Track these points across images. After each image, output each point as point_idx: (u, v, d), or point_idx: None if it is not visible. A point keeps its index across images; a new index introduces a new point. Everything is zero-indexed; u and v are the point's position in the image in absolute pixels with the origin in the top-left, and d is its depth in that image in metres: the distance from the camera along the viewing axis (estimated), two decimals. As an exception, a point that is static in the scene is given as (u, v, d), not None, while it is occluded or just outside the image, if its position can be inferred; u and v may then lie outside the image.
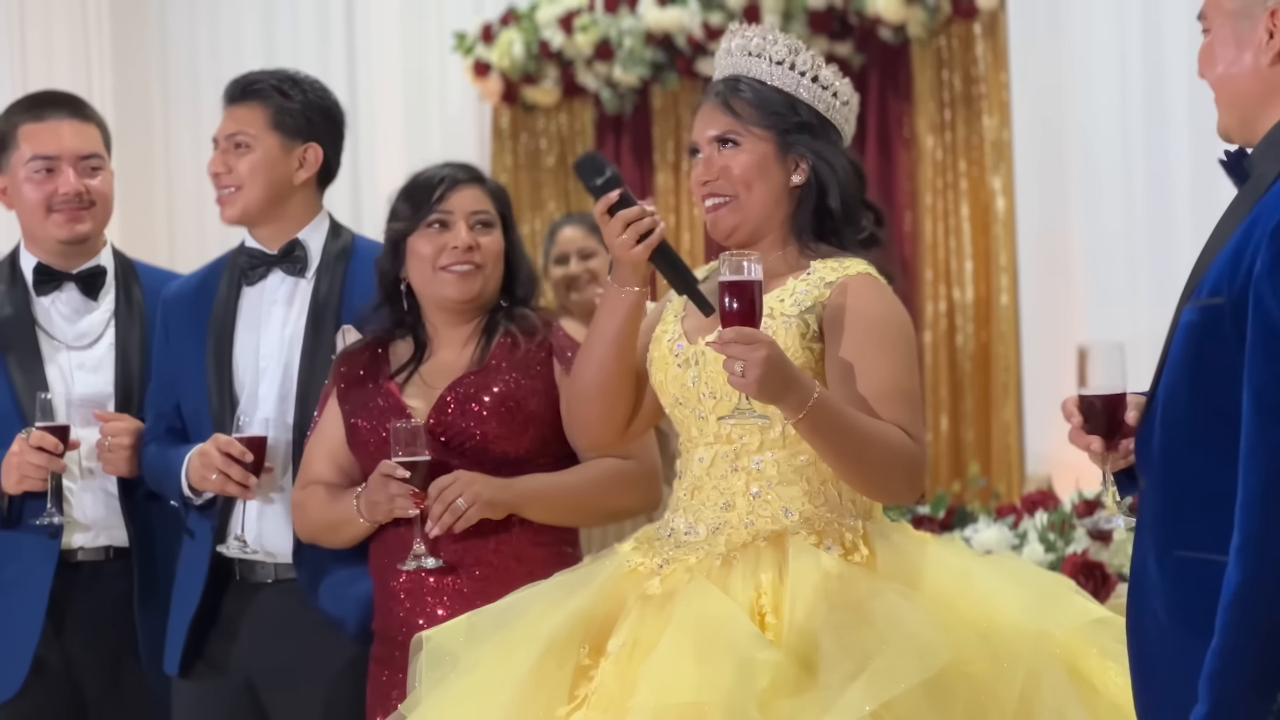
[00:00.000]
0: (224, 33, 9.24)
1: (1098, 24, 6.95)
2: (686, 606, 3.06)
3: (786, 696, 2.91)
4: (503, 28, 8.40)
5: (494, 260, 3.77)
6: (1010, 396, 7.37)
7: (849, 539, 3.15)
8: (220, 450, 3.84)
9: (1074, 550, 6.02)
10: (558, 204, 8.52)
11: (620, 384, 3.34)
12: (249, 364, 4.01)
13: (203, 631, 3.99)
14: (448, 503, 3.58)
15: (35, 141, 4.20)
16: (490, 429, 3.66)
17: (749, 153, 3.27)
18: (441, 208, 3.74)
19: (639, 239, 3.20)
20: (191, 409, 4.05)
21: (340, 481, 3.79)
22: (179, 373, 4.07)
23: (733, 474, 3.20)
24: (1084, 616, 3.17)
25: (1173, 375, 2.69)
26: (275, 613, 3.94)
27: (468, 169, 3.83)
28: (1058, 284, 7.14)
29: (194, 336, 4.05)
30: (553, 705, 3.07)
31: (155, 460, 4.06)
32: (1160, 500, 2.69)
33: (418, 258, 3.75)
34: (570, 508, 3.70)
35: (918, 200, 7.66)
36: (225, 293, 4.07)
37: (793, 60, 3.29)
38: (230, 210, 4.04)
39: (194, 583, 3.99)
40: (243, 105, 4.08)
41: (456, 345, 3.78)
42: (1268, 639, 2.48)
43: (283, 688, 3.92)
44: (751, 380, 2.95)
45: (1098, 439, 2.84)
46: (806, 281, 3.22)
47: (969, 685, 2.96)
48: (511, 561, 3.64)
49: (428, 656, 3.26)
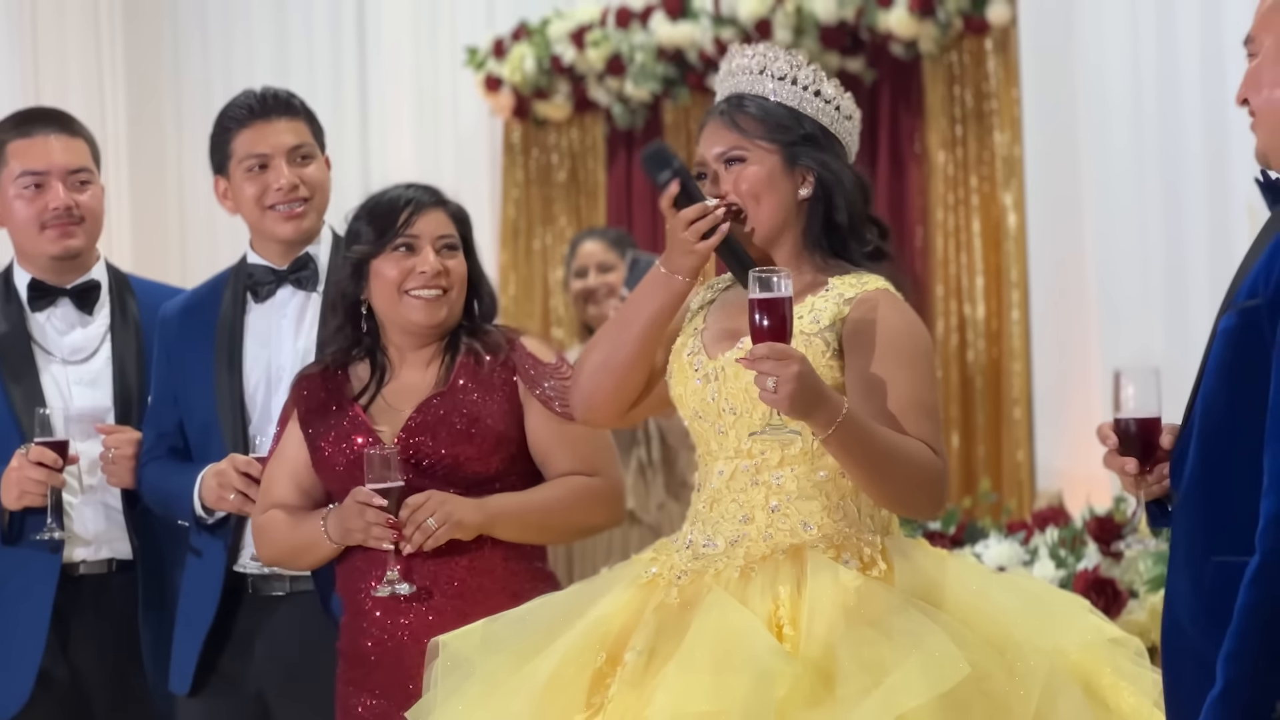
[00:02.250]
0: (237, 48, 9.25)
1: (1110, 39, 6.95)
2: (704, 617, 3.07)
3: (803, 708, 2.92)
4: (514, 43, 8.41)
5: (460, 284, 3.76)
6: (1021, 412, 7.36)
7: (867, 554, 3.16)
8: (239, 470, 3.84)
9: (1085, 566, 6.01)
10: (569, 219, 8.53)
11: (640, 364, 3.34)
12: (261, 379, 4.02)
13: (214, 648, 3.99)
14: (418, 523, 3.58)
15: (24, 158, 4.20)
16: (460, 450, 3.66)
17: (756, 166, 3.28)
18: (408, 231, 3.73)
19: (703, 236, 3.21)
20: (199, 426, 4.04)
21: (303, 504, 3.78)
22: (183, 390, 4.06)
23: (752, 488, 3.20)
24: (1098, 635, 3.18)
25: (1211, 382, 2.70)
26: (290, 626, 3.96)
27: (431, 191, 3.81)
28: (1069, 300, 7.13)
29: (199, 353, 4.05)
30: (569, 713, 3.08)
31: (159, 479, 4.05)
32: (1197, 510, 2.70)
33: (383, 280, 3.72)
34: (540, 525, 3.71)
35: (929, 216, 7.65)
36: (231, 309, 4.06)
37: (794, 75, 3.31)
38: (309, 221, 4.06)
39: (206, 601, 3.99)
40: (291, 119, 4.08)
41: (419, 366, 3.77)
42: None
43: (297, 700, 3.93)
44: (784, 396, 2.96)
45: (1133, 460, 2.86)
46: (825, 298, 3.23)
47: (985, 701, 2.97)
48: (484, 579, 3.65)
49: (443, 663, 3.26)
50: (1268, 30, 2.75)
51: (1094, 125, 7.02)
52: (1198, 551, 2.68)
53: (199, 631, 3.98)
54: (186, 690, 3.99)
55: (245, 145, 4.03)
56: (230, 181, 4.06)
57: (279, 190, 4.01)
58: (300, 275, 4.04)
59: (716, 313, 3.35)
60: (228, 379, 4.01)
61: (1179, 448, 2.78)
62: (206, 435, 4.03)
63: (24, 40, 8.69)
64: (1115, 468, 2.87)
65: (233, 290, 4.09)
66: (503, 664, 3.20)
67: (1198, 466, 2.70)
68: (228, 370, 4.02)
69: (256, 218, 4.06)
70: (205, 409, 4.03)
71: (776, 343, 2.98)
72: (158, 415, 4.11)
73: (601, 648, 3.14)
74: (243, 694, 3.97)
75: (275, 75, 9.15)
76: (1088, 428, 3.18)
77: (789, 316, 3.02)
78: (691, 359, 3.29)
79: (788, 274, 3.03)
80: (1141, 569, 5.99)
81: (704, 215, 3.20)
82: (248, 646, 3.98)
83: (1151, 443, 2.85)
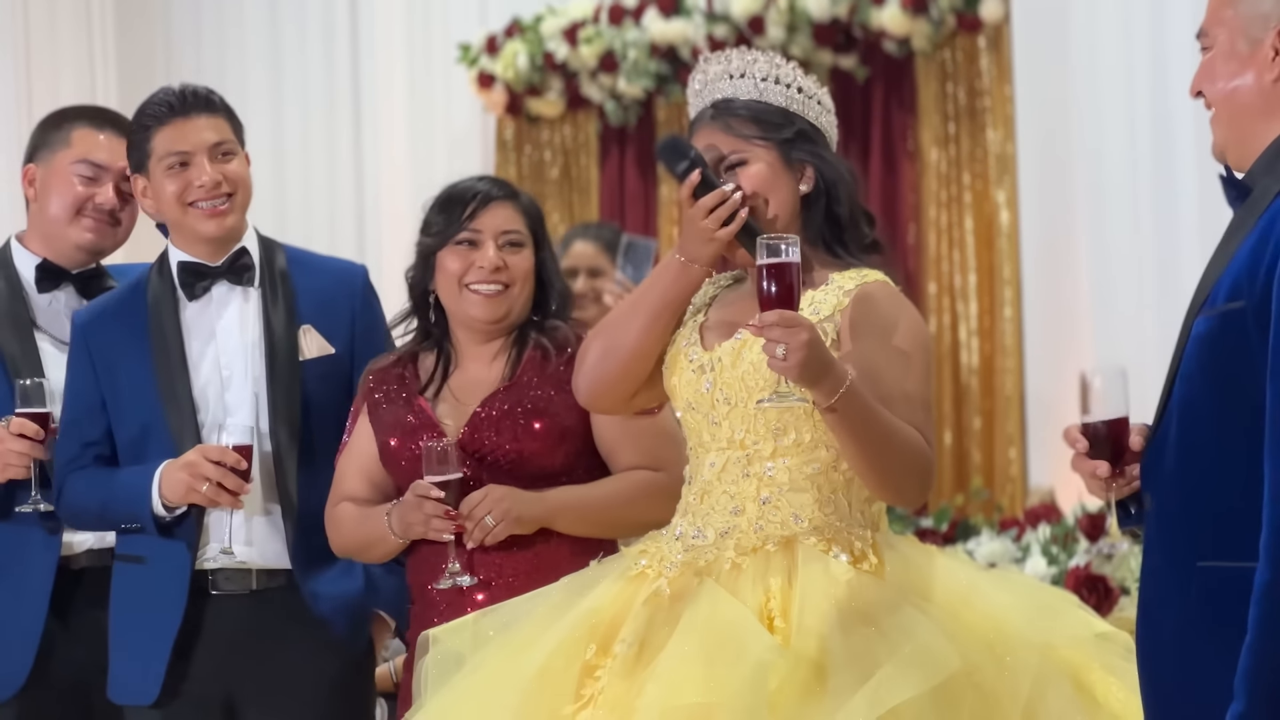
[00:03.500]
0: (229, 45, 9.25)
1: (1103, 37, 6.95)
2: (695, 608, 3.06)
3: (794, 700, 2.92)
4: (507, 39, 8.41)
5: (522, 280, 3.74)
6: (1013, 410, 7.37)
7: (858, 547, 3.16)
8: (212, 460, 3.83)
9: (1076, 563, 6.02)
10: (561, 215, 8.53)
11: (650, 351, 3.34)
12: (211, 376, 3.96)
13: (176, 655, 3.91)
14: (478, 520, 3.58)
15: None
16: (525, 445, 3.65)
17: (758, 165, 3.28)
18: (472, 225, 3.72)
19: (723, 223, 3.22)
20: (133, 430, 3.97)
21: (374, 497, 3.77)
22: (114, 395, 3.98)
23: (744, 479, 3.20)
24: (1087, 630, 3.18)
25: (1188, 388, 2.68)
26: (259, 624, 3.91)
27: (502, 185, 3.80)
28: (1062, 297, 7.14)
29: (132, 356, 3.98)
30: (559, 705, 3.08)
31: (94, 488, 3.97)
32: (1178, 515, 2.68)
33: (445, 274, 3.72)
34: (601, 520, 3.68)
35: (921, 213, 7.66)
36: (162, 309, 4.00)
37: (776, 74, 3.32)
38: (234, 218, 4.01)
39: (170, 605, 3.90)
40: (212, 115, 4.03)
41: (484, 360, 3.75)
42: None
43: (267, 701, 3.90)
44: (794, 364, 2.96)
45: (1104, 464, 2.82)
46: (826, 291, 3.24)
47: (975, 694, 2.97)
48: (549, 573, 3.57)
49: (434, 656, 3.27)
50: (1220, 24, 2.76)
51: (1087, 123, 7.02)
52: (1180, 557, 2.66)
53: (166, 636, 3.90)
54: (151, 700, 3.92)
55: (166, 143, 3.98)
56: (150, 180, 4.00)
57: (201, 187, 3.96)
58: (237, 270, 4.01)
59: (717, 306, 3.36)
60: (171, 378, 3.95)
61: (1152, 451, 2.76)
62: (143, 439, 3.96)
63: (16, 40, 8.67)
64: (1085, 471, 2.83)
65: (157, 290, 4.02)
66: (493, 656, 3.19)
67: (1178, 472, 2.69)
68: (170, 370, 3.95)
69: (179, 215, 3.99)
70: (143, 411, 3.96)
71: (785, 310, 2.98)
72: (80, 425, 4.01)
73: (591, 639, 3.14)
74: (208, 699, 3.92)
75: (268, 70, 9.16)
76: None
77: (797, 283, 3.02)
78: (688, 350, 3.30)
79: (795, 240, 3.03)
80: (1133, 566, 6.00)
81: (723, 201, 3.22)
82: (214, 652, 3.92)
83: (1121, 444, 2.81)
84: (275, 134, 9.09)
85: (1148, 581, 2.74)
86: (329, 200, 9.04)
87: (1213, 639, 2.61)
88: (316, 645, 3.89)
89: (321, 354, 3.97)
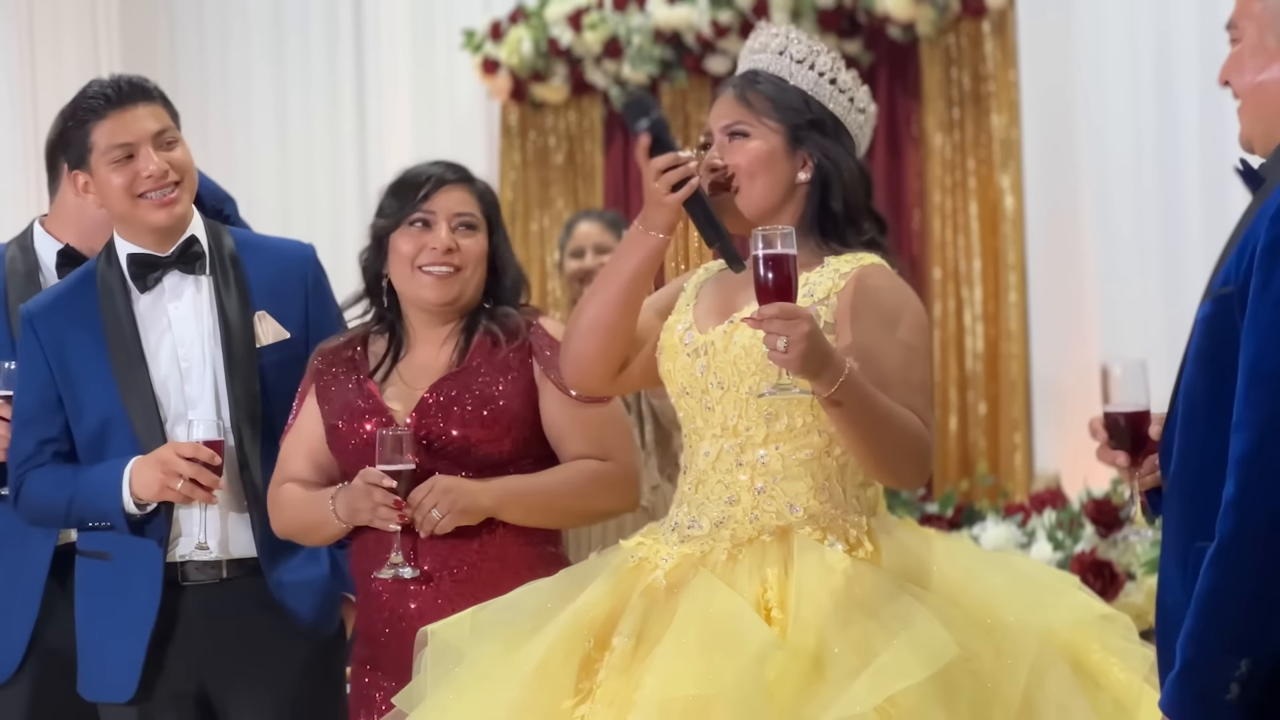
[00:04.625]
0: (233, 32, 9.25)
1: (1108, 21, 6.94)
2: (692, 600, 3.06)
3: (792, 690, 2.91)
4: (511, 25, 8.40)
5: (474, 263, 3.73)
6: (1019, 395, 7.36)
7: (854, 535, 3.15)
8: (184, 456, 3.79)
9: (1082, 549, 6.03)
10: (566, 201, 8.53)
11: (622, 324, 3.32)
12: (170, 368, 3.93)
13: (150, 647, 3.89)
14: (425, 512, 3.57)
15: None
16: (472, 432, 3.64)
17: (758, 143, 3.27)
18: (425, 207, 3.71)
19: (674, 187, 3.19)
20: (93, 426, 3.93)
21: (318, 480, 3.76)
22: (71, 391, 3.94)
23: (737, 468, 3.19)
24: (1087, 612, 3.18)
25: (1189, 371, 2.71)
26: (228, 614, 3.90)
27: (456, 169, 3.79)
28: (1067, 283, 7.13)
29: (86, 350, 3.94)
30: (558, 699, 3.07)
31: (57, 486, 3.94)
32: (1180, 498, 2.71)
33: (398, 256, 3.72)
34: (547, 509, 3.67)
35: (926, 199, 7.65)
36: (114, 301, 3.95)
37: (813, 60, 3.30)
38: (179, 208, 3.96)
39: (145, 600, 3.88)
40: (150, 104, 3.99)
41: (434, 344, 3.74)
42: (1240, 601, 2.52)
43: (243, 690, 3.89)
44: (795, 356, 2.95)
45: (1123, 454, 2.88)
46: (821, 274, 3.23)
47: (974, 680, 2.97)
48: (495, 563, 3.62)
49: (432, 651, 3.25)
50: (1249, 17, 2.79)
51: (1092, 108, 7.02)
52: (1184, 538, 2.69)
53: (142, 632, 3.87)
54: (129, 697, 3.89)
55: (108, 136, 3.95)
56: (93, 175, 3.97)
57: (149, 178, 3.92)
58: (187, 258, 3.99)
59: (710, 289, 3.34)
60: (131, 372, 3.92)
61: (1165, 436, 2.79)
62: (103, 434, 3.92)
63: (21, 41, 8.66)
64: (1107, 461, 2.90)
65: (106, 282, 3.98)
66: (491, 651, 3.18)
67: (1180, 454, 2.72)
68: (129, 363, 3.92)
69: (128, 208, 3.95)
70: (103, 406, 3.93)
71: (784, 302, 2.97)
72: (38, 422, 3.97)
73: (590, 633, 3.13)
74: (184, 692, 3.90)
75: (271, 57, 9.16)
76: (1086, 411, 3.18)
77: (794, 274, 3.01)
78: (683, 334, 3.28)
79: (791, 231, 3.02)
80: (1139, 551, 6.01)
81: (675, 165, 3.18)
82: (187, 642, 3.90)
83: (1141, 435, 2.87)
84: (279, 121, 9.10)
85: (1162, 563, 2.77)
86: (333, 187, 9.04)
87: None
88: (286, 631, 3.88)
89: (278, 339, 3.95)
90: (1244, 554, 2.52)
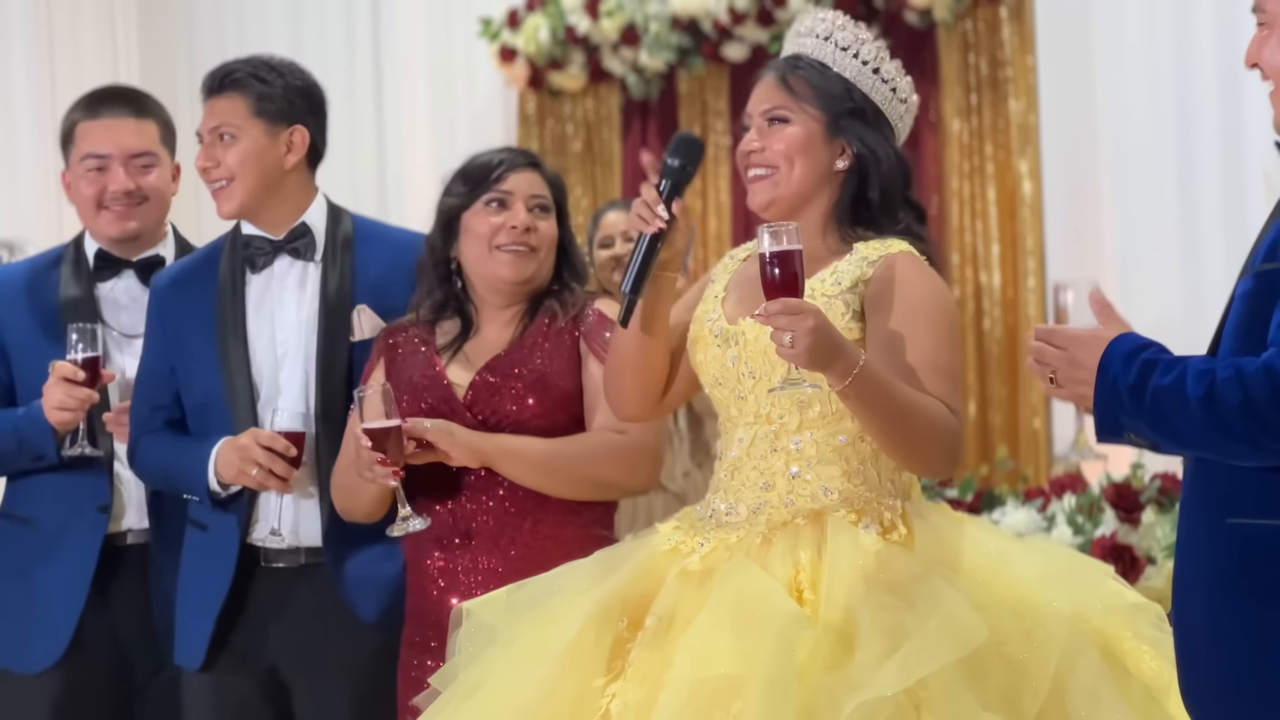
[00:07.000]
0: (250, 22, 9.25)
1: (1125, 6, 6.95)
2: (725, 582, 3.07)
3: (823, 671, 2.93)
4: (529, 13, 8.41)
5: (548, 246, 3.76)
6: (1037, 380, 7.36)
7: (887, 518, 3.17)
8: (262, 445, 3.84)
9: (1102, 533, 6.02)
10: (584, 189, 8.54)
11: (651, 359, 3.35)
12: (267, 351, 3.98)
13: (225, 623, 3.95)
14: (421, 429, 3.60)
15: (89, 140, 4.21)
16: (525, 407, 3.67)
17: (797, 128, 3.29)
18: (501, 187, 3.73)
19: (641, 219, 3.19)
20: (198, 399, 4.00)
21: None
22: (182, 362, 4.02)
23: (772, 454, 3.21)
24: (1119, 601, 3.18)
25: (1229, 344, 2.71)
26: (305, 599, 3.94)
27: (526, 154, 3.83)
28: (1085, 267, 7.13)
29: (198, 325, 4.01)
30: (590, 677, 3.09)
31: (160, 454, 4.02)
32: (1212, 474, 2.71)
33: (473, 235, 3.73)
34: (546, 469, 3.65)
35: (944, 184, 7.66)
36: (229, 280, 4.02)
37: (857, 49, 3.31)
38: (228, 204, 3.99)
39: (219, 576, 3.95)
40: (222, 97, 4.02)
41: (500, 324, 3.77)
42: (1178, 416, 2.63)
43: (311, 673, 3.93)
44: (801, 351, 2.97)
45: None
46: (849, 261, 3.24)
47: (1003, 665, 2.97)
48: (546, 542, 3.64)
49: (467, 629, 3.28)
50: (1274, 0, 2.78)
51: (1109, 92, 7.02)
52: (1216, 516, 2.69)
53: (212, 606, 3.94)
54: (198, 665, 3.96)
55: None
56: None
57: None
58: (298, 245, 4.02)
59: (738, 279, 3.36)
60: (233, 352, 3.97)
61: None
62: (206, 408, 3.99)
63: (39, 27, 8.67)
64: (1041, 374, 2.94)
65: (229, 261, 4.05)
66: (525, 630, 3.21)
67: None
68: (233, 343, 3.98)
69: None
70: (206, 382, 3.99)
71: (789, 297, 2.99)
72: (152, 388, 4.06)
73: (623, 614, 3.15)
74: (255, 669, 3.96)
75: (289, 47, 9.14)
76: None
77: (800, 270, 3.02)
78: (712, 325, 3.30)
79: (796, 228, 3.04)
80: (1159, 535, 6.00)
81: (651, 210, 3.18)
82: (261, 621, 3.96)
83: None
84: (298, 110, 9.09)
85: (1182, 538, 2.76)
86: (351, 176, 9.04)
87: (1241, 594, 2.65)
88: (352, 623, 3.90)
89: (375, 334, 3.95)
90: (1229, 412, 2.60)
